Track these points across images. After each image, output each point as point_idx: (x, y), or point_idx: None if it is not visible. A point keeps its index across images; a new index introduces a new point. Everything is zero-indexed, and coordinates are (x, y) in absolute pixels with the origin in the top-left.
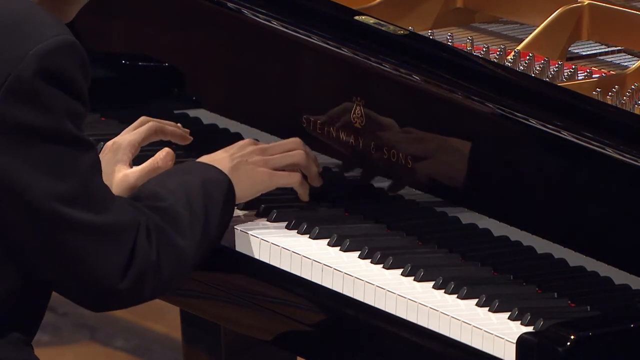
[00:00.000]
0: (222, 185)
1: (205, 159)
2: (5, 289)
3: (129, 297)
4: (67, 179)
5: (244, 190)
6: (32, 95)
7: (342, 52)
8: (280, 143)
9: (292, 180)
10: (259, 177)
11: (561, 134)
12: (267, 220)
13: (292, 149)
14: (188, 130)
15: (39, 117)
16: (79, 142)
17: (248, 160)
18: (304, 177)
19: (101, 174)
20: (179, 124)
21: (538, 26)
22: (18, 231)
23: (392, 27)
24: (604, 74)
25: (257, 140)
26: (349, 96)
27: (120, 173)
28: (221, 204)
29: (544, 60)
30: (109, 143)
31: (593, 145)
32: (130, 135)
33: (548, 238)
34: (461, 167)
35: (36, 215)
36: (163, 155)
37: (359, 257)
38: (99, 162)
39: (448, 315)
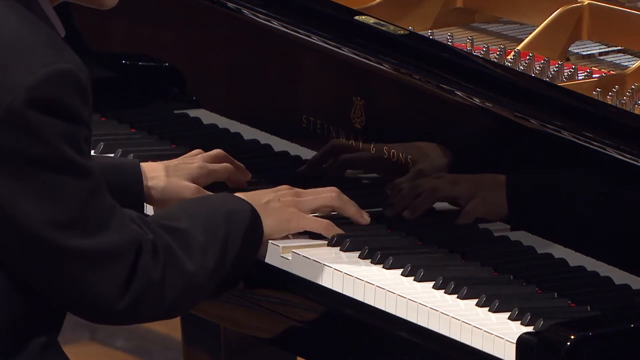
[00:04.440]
0: (246, 216)
1: (239, 194)
2: (14, 311)
3: (127, 316)
4: (63, 206)
5: (270, 227)
6: (25, 125)
7: (342, 52)
8: (316, 189)
9: (318, 225)
10: (286, 216)
11: (561, 134)
12: None
13: (327, 199)
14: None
15: (33, 146)
16: (76, 168)
17: (280, 199)
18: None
19: (102, 195)
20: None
21: (538, 26)
22: (16, 256)
23: (392, 27)
24: (604, 74)
25: (257, 140)
26: (349, 96)
27: (185, 183)
28: (243, 235)
29: (544, 60)
30: (202, 166)
31: (593, 145)
32: (214, 166)
33: (548, 238)
34: (459, 167)
35: (32, 242)
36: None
37: (359, 257)
38: (100, 184)
39: (448, 315)
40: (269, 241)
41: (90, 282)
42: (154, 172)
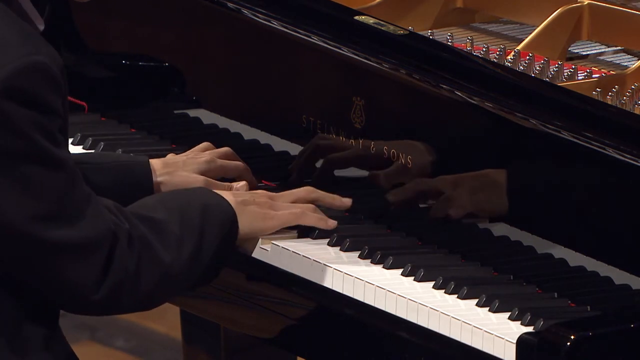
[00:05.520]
0: (222, 210)
1: (220, 192)
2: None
3: (105, 306)
4: (39, 198)
5: (245, 226)
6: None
7: (342, 52)
8: (292, 192)
9: (293, 218)
10: (259, 216)
11: (561, 134)
12: None
13: (302, 197)
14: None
15: (7, 137)
16: (51, 158)
17: (255, 200)
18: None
19: (77, 184)
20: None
21: (538, 26)
22: None
23: (392, 27)
24: (604, 74)
25: (257, 140)
26: (349, 96)
27: (194, 176)
28: (218, 228)
29: (544, 60)
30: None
31: (593, 145)
32: (224, 161)
33: (548, 238)
34: (459, 167)
35: (9, 234)
36: (239, 186)
37: (359, 257)
38: (75, 173)
39: (448, 315)
40: (271, 241)
41: (67, 273)
42: (164, 168)
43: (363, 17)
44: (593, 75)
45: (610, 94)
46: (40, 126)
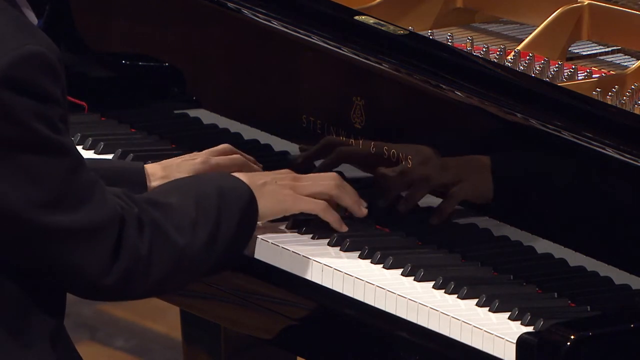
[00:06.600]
0: (239, 193)
1: (236, 174)
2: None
3: (117, 291)
4: (43, 186)
5: (266, 208)
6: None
7: (342, 52)
8: (316, 174)
9: (315, 206)
10: (282, 197)
11: (561, 134)
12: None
13: (326, 178)
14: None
15: (7, 127)
16: (52, 146)
17: (278, 181)
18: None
19: (82, 171)
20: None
21: (538, 26)
22: (2, 238)
23: (392, 27)
24: (604, 74)
25: (257, 140)
26: (349, 96)
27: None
28: (236, 211)
29: (544, 60)
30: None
31: (593, 145)
32: (218, 159)
33: (548, 238)
34: (459, 167)
35: (15, 223)
36: None
37: (359, 257)
38: (78, 159)
39: (448, 315)
40: (266, 240)
41: (76, 259)
42: (158, 173)
43: (363, 17)
44: (593, 75)
45: (610, 94)
46: (39, 115)
